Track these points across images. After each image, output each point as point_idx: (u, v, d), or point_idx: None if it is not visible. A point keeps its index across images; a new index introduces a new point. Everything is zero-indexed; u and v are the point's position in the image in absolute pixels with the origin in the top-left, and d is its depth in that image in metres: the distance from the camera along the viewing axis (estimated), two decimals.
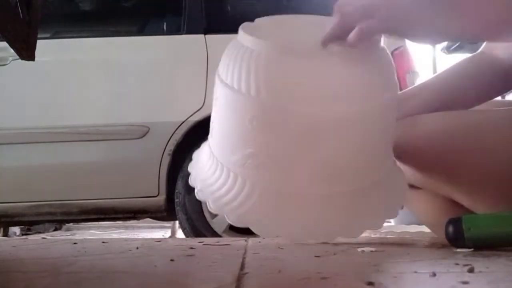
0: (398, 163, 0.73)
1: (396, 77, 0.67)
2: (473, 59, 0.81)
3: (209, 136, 0.73)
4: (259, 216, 0.62)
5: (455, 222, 0.58)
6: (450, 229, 0.58)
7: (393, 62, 0.67)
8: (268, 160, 0.61)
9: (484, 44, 0.80)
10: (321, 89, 0.59)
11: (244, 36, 0.65)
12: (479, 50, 0.81)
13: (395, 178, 0.70)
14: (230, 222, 0.64)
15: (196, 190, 0.69)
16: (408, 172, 0.75)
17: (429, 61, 4.40)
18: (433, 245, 0.76)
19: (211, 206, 0.65)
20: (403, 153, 0.72)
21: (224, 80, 0.66)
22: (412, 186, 0.80)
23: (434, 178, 0.73)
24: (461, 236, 0.56)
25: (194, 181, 0.71)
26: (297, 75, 0.60)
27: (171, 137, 1.80)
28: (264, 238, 0.83)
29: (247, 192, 0.63)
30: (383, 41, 0.66)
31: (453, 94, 0.78)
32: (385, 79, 0.64)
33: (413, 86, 0.87)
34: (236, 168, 0.65)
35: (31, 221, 2.28)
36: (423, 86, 0.84)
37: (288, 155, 0.61)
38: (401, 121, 0.72)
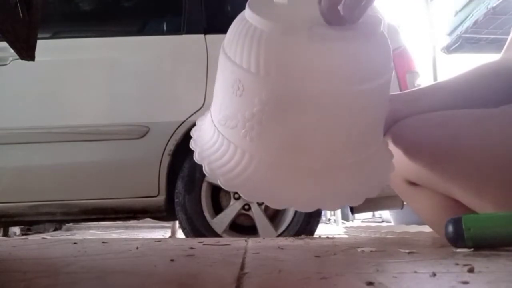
0: (391, 145, 0.75)
1: (391, 62, 0.69)
2: (492, 64, 0.81)
3: None
4: (248, 182, 0.64)
5: (455, 222, 0.58)
6: (450, 229, 0.58)
7: (390, 46, 0.68)
8: (242, 125, 0.64)
9: (505, 49, 0.81)
10: (318, 67, 0.61)
11: (248, 12, 0.66)
12: (499, 57, 0.82)
13: (384, 153, 0.72)
14: (222, 186, 0.65)
15: (195, 153, 0.72)
16: (410, 168, 0.75)
17: (429, 61, 4.40)
18: (433, 245, 0.76)
19: (206, 169, 0.67)
20: (409, 148, 0.73)
21: (224, 47, 0.69)
22: (412, 184, 0.80)
23: (438, 174, 0.73)
24: (461, 236, 0.56)
25: (194, 144, 0.74)
26: (287, 53, 0.61)
27: (171, 137, 1.80)
28: (264, 238, 0.83)
29: (237, 159, 0.65)
30: (382, 27, 0.67)
31: (467, 97, 0.78)
32: (383, 64, 0.66)
33: (428, 84, 0.87)
34: (221, 128, 0.68)
35: (31, 221, 2.28)
36: (439, 85, 0.84)
37: (263, 125, 0.63)
38: (409, 119, 0.74)
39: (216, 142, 0.69)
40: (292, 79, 0.61)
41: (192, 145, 0.73)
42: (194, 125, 0.81)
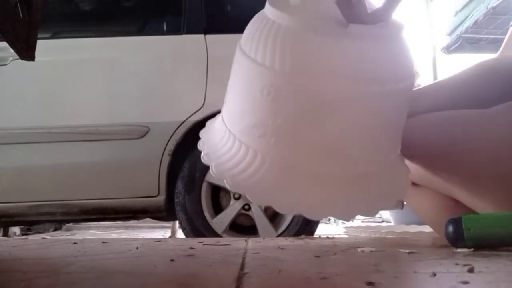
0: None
1: (414, 69, 0.68)
2: (489, 63, 0.81)
3: (223, 105, 0.75)
4: (258, 186, 0.62)
5: (455, 222, 0.57)
6: (450, 229, 0.58)
7: (412, 53, 0.67)
8: (273, 132, 0.62)
9: (502, 48, 0.81)
10: (340, 68, 0.60)
11: (271, 10, 0.65)
12: (497, 54, 0.81)
13: (400, 169, 0.70)
14: (228, 187, 0.64)
15: (202, 154, 0.70)
16: (411, 169, 0.75)
17: (429, 61, 4.40)
18: (433, 245, 0.76)
19: (213, 170, 0.65)
20: (409, 149, 0.73)
21: (243, 48, 0.68)
22: (413, 184, 0.80)
23: (437, 175, 0.73)
24: (461, 236, 0.56)
25: (202, 144, 0.72)
26: (319, 53, 0.61)
27: (171, 137, 1.80)
28: (264, 238, 0.83)
29: (249, 160, 0.63)
30: (404, 32, 0.67)
31: (466, 96, 0.78)
32: (402, 68, 0.65)
33: (427, 85, 0.87)
34: (242, 136, 0.66)
35: (31, 221, 2.28)
36: (437, 85, 0.84)
37: (297, 130, 0.61)
38: (409, 119, 0.73)
39: (237, 153, 0.66)
40: (298, 72, 0.60)
41: (204, 158, 0.70)
42: (194, 125, 0.81)
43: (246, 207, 1.83)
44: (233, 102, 0.70)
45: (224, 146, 0.68)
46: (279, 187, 0.62)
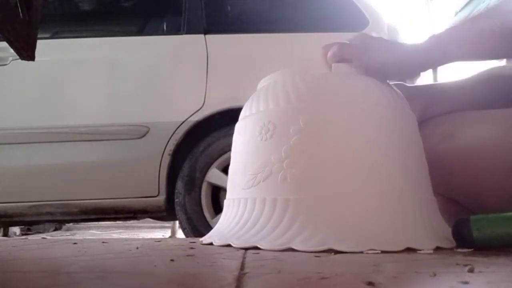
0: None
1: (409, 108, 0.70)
2: (495, 70, 0.80)
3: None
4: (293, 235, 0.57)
5: (463, 223, 0.57)
6: (458, 230, 0.57)
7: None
8: (278, 167, 0.60)
9: None
10: (342, 92, 0.63)
11: (262, 82, 0.71)
12: (504, 63, 0.81)
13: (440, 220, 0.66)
14: (264, 248, 0.57)
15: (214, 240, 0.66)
16: None
17: None
18: None
19: (235, 242, 0.61)
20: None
21: (238, 124, 0.71)
22: None
23: (434, 174, 0.73)
24: (470, 237, 0.55)
25: (213, 236, 0.69)
26: (316, 83, 0.63)
27: (171, 137, 1.80)
28: None
29: (258, 213, 0.61)
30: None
31: (476, 101, 0.77)
32: (395, 95, 0.68)
33: (446, 82, 0.86)
34: (248, 191, 0.63)
35: (31, 221, 2.28)
36: (456, 85, 0.82)
37: (303, 154, 0.59)
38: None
39: (236, 213, 0.64)
40: (324, 101, 0.61)
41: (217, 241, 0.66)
42: (194, 125, 0.80)
43: None
44: (235, 175, 0.68)
45: (234, 219, 0.64)
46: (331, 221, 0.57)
